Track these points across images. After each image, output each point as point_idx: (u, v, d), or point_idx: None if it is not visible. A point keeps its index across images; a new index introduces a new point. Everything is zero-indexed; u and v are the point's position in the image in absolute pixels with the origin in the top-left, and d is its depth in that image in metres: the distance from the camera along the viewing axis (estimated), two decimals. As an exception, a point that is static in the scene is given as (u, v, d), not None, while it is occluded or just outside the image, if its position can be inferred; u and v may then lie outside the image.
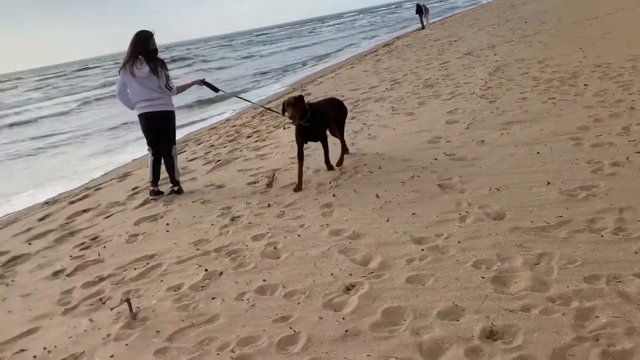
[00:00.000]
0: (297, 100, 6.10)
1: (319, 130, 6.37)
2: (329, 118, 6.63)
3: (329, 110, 6.72)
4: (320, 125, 6.36)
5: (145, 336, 3.57)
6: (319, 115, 6.30)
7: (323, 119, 6.45)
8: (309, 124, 6.17)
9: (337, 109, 6.92)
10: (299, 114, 6.04)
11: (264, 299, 3.81)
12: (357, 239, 4.49)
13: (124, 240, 5.60)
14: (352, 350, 3.07)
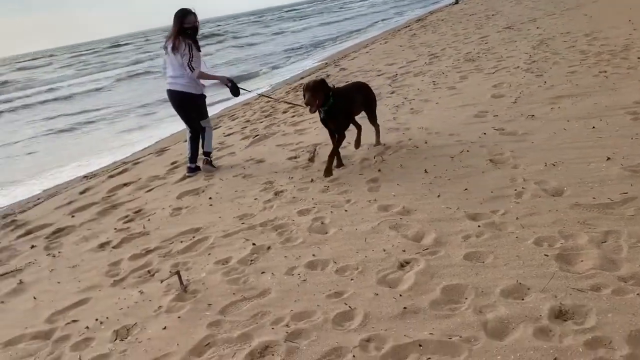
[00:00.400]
0: (318, 84, 5.37)
1: (339, 120, 5.63)
2: (354, 106, 5.92)
3: (356, 97, 5.98)
4: (341, 114, 5.62)
5: (197, 309, 3.53)
6: (342, 103, 5.58)
7: (347, 108, 5.70)
8: (328, 112, 5.52)
9: (364, 94, 6.17)
10: (318, 101, 5.35)
11: (315, 274, 3.72)
12: (408, 214, 4.36)
13: (168, 213, 5.57)
14: (412, 327, 2.96)
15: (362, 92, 6.14)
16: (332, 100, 5.40)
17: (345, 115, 5.69)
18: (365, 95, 6.16)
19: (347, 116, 5.75)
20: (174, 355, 3.10)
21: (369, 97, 6.21)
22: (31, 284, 4.52)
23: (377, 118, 6.32)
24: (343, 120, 5.68)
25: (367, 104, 6.18)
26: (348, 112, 5.72)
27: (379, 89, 9.85)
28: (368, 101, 6.19)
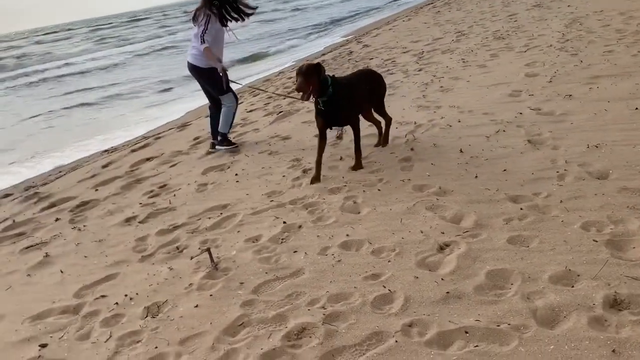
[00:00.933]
0: (311, 69, 4.60)
1: (343, 113, 4.91)
2: (359, 97, 5.13)
3: (361, 86, 5.18)
4: (345, 106, 4.86)
5: (229, 287, 3.43)
6: (345, 93, 4.81)
7: (350, 99, 4.92)
8: (328, 104, 4.77)
9: (372, 84, 5.36)
10: (312, 88, 4.61)
11: (349, 254, 3.59)
12: (444, 195, 4.20)
13: (194, 189, 5.47)
14: (456, 313, 2.83)
15: (370, 81, 5.34)
16: (332, 89, 4.70)
17: (349, 105, 4.93)
18: (374, 85, 5.39)
19: (352, 106, 4.98)
20: (207, 334, 3.01)
21: (378, 87, 5.45)
22: (57, 257, 4.45)
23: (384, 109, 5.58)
24: (350, 111, 4.97)
25: (377, 94, 5.44)
26: (352, 102, 4.96)
27: (405, 66, 9.62)
28: (377, 91, 5.45)
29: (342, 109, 4.86)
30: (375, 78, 5.45)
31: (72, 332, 3.30)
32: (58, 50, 36.17)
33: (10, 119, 14.13)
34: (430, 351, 2.59)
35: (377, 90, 5.43)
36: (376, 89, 5.41)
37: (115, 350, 3.02)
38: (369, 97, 5.32)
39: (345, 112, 4.94)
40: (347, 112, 4.95)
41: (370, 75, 5.43)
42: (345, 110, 4.91)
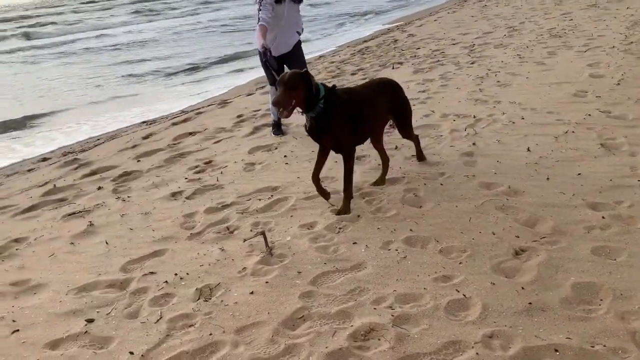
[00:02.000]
0: (295, 79, 3.65)
1: (336, 133, 3.85)
2: (365, 118, 4.00)
3: (370, 99, 4.09)
4: (340, 123, 3.83)
5: (287, 276, 3.22)
6: (341, 111, 3.81)
7: (346, 119, 3.86)
8: (317, 122, 3.82)
9: (390, 96, 4.27)
10: (295, 101, 3.67)
11: (415, 251, 3.35)
12: (515, 196, 3.92)
13: (241, 167, 5.26)
14: (542, 328, 2.58)
15: (386, 93, 4.25)
16: (323, 103, 3.75)
17: (347, 125, 3.87)
18: (392, 96, 4.29)
19: (346, 130, 3.88)
20: (264, 324, 2.80)
21: (397, 99, 4.34)
22: (102, 227, 4.30)
23: (411, 130, 4.58)
24: (343, 132, 3.86)
25: (396, 109, 4.33)
26: (352, 121, 3.90)
27: (456, 58, 9.27)
28: (396, 106, 4.33)
29: (329, 130, 3.82)
30: (394, 89, 4.37)
31: (120, 308, 3.13)
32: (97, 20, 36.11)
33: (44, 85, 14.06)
34: (516, 368, 2.34)
35: (397, 105, 4.36)
36: (396, 102, 4.34)
37: (167, 333, 2.83)
38: (387, 113, 4.28)
39: (333, 135, 3.86)
40: (336, 135, 3.85)
41: (388, 86, 4.35)
42: (333, 132, 3.84)
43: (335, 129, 3.83)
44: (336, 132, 3.85)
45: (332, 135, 3.87)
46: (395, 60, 9.97)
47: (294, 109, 3.70)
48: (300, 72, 3.75)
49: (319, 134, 3.89)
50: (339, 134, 3.87)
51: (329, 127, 3.82)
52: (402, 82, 7.90)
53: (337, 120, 3.81)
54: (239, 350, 2.63)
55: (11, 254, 4.07)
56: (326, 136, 3.89)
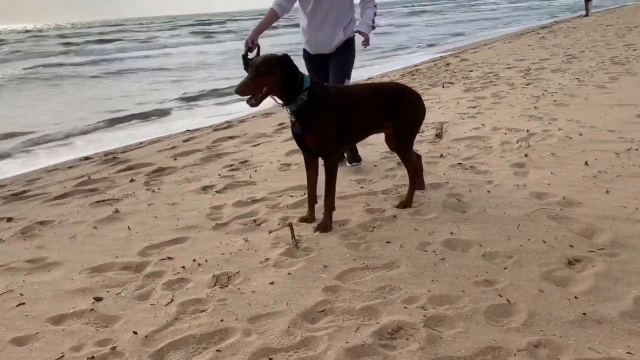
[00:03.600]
0: (269, 62, 3.16)
1: (318, 132, 3.34)
2: (357, 119, 3.48)
3: (365, 103, 3.52)
4: (316, 125, 3.32)
5: (311, 269, 2.95)
6: (328, 106, 3.33)
7: (333, 116, 3.35)
8: (299, 117, 3.33)
9: (394, 102, 3.58)
10: (267, 89, 3.17)
11: (455, 254, 3.03)
12: (570, 206, 3.55)
13: (276, 167, 5.06)
14: (598, 340, 2.21)
15: (391, 101, 3.58)
16: (307, 95, 3.28)
17: (332, 125, 3.37)
18: (396, 104, 3.58)
19: (330, 129, 3.37)
20: (282, 315, 2.54)
21: (403, 108, 3.59)
22: (127, 215, 4.15)
23: (409, 149, 3.71)
24: (327, 133, 3.35)
25: (397, 119, 3.59)
26: (339, 122, 3.39)
27: (510, 79, 8.91)
28: (400, 116, 3.59)
29: (311, 128, 3.32)
30: (403, 96, 3.62)
31: (130, 289, 2.92)
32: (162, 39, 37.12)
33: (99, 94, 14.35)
34: (567, 382, 1.98)
35: (401, 115, 3.58)
36: (400, 112, 3.58)
37: (176, 317, 2.60)
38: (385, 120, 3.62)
39: (316, 135, 3.33)
40: (319, 135, 3.33)
41: (396, 92, 3.63)
42: (316, 131, 3.32)
43: (319, 127, 3.32)
44: (320, 131, 3.33)
45: (315, 135, 3.34)
46: (446, 81, 9.69)
47: (264, 98, 3.19)
48: (277, 55, 3.22)
49: (301, 133, 3.38)
50: (323, 134, 3.34)
51: (312, 125, 3.32)
52: (451, 98, 7.64)
53: (322, 117, 3.31)
54: (250, 339, 2.37)
55: (34, 234, 3.95)
56: (309, 135, 3.35)
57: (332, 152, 3.44)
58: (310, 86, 3.30)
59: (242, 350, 2.29)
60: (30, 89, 15.07)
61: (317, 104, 3.30)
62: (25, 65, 20.72)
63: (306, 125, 3.34)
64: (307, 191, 3.65)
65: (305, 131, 3.37)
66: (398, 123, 3.62)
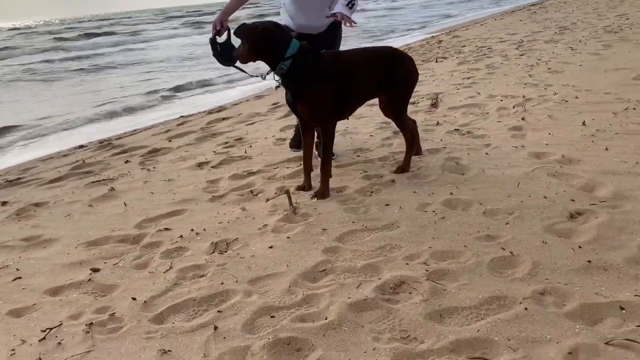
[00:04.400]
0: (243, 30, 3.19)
1: (304, 103, 3.27)
2: (351, 85, 3.35)
3: (359, 66, 3.40)
4: (307, 92, 3.24)
5: (310, 232, 2.91)
6: (315, 71, 3.22)
7: (324, 83, 3.25)
8: (289, 79, 3.25)
9: (387, 67, 3.48)
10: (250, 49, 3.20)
11: (455, 213, 3.00)
12: (570, 164, 3.52)
13: (271, 142, 5.01)
14: (604, 285, 2.18)
15: (383, 63, 3.47)
16: (290, 64, 3.18)
17: (326, 93, 3.27)
18: (392, 70, 3.48)
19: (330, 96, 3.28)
20: (282, 276, 2.50)
21: (398, 74, 3.49)
22: (122, 192, 4.10)
23: (404, 113, 3.65)
24: (320, 101, 3.27)
25: (390, 84, 3.50)
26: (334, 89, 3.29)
27: (504, 52, 8.85)
28: (392, 80, 3.49)
29: (302, 93, 3.24)
30: (396, 60, 3.51)
31: (128, 260, 2.88)
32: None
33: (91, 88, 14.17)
34: (573, 325, 1.96)
35: (395, 79, 3.49)
36: (394, 76, 3.48)
37: (175, 282, 2.56)
38: (379, 88, 3.52)
39: (308, 104, 3.26)
40: (312, 103, 3.25)
41: (388, 56, 3.53)
42: (308, 98, 3.24)
43: (309, 94, 3.23)
44: (311, 98, 3.24)
45: (307, 104, 3.27)
46: (439, 56, 9.63)
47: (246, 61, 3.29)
48: (247, 24, 3.21)
49: (293, 101, 3.32)
50: (314, 102, 3.25)
51: (303, 93, 3.25)
52: (445, 71, 7.57)
53: (312, 84, 3.23)
54: (252, 299, 2.33)
55: (29, 215, 3.89)
56: (301, 104, 3.29)
57: (327, 120, 3.37)
58: (295, 53, 3.21)
59: (243, 310, 2.25)
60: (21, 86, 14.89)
61: (307, 71, 3.22)
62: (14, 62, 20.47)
63: (297, 93, 3.28)
64: (303, 158, 3.59)
65: (296, 100, 3.31)
66: (393, 87, 3.55)
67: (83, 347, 2.14)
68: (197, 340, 2.09)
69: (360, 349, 1.94)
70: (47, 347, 2.17)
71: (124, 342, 2.15)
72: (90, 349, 2.13)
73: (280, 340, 2.01)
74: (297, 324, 2.11)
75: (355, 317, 2.12)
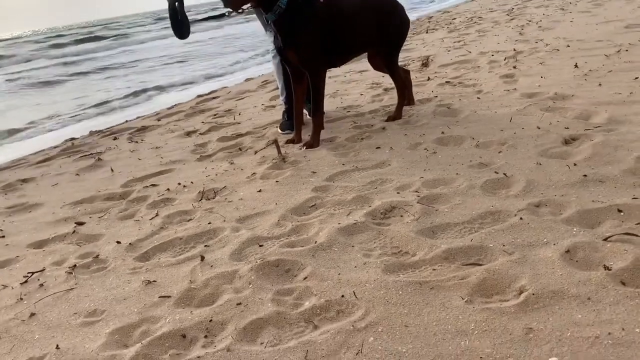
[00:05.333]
0: None
1: (294, 48, 3.16)
2: (344, 30, 3.29)
3: (354, 15, 3.32)
4: (297, 36, 3.14)
5: (299, 175, 2.84)
6: (308, 14, 3.13)
7: (315, 26, 3.16)
8: (278, 27, 3.14)
9: (379, 15, 3.40)
10: None
11: (447, 148, 2.92)
12: (563, 100, 3.44)
13: (260, 109, 4.94)
14: (601, 194, 2.10)
15: (379, 13, 3.40)
16: (285, 4, 3.08)
17: (315, 37, 3.18)
18: (386, 19, 3.42)
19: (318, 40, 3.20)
20: (271, 212, 2.43)
21: (392, 24, 3.45)
22: (110, 161, 4.03)
23: (396, 63, 3.59)
24: (309, 45, 3.17)
25: (383, 33, 3.43)
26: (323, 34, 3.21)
27: (494, 19, 8.76)
28: (385, 29, 3.43)
29: (292, 38, 3.13)
30: (386, 8, 3.44)
31: (114, 212, 2.81)
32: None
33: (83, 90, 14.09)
34: (570, 228, 1.88)
35: (387, 27, 3.43)
36: (385, 24, 3.42)
37: (161, 226, 2.49)
38: (371, 36, 3.43)
39: (296, 47, 3.15)
40: (300, 47, 3.15)
41: (385, 5, 3.45)
42: (297, 43, 3.14)
43: (299, 38, 3.13)
44: (301, 42, 3.14)
45: (294, 47, 3.15)
46: (429, 27, 9.53)
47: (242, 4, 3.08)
48: None
49: (283, 45, 3.20)
50: (304, 46, 3.15)
51: (292, 36, 3.14)
52: (436, 39, 7.49)
53: (303, 28, 3.13)
54: (240, 233, 2.26)
55: (15, 188, 3.82)
56: (290, 49, 3.17)
57: (317, 67, 3.26)
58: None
59: (231, 242, 2.18)
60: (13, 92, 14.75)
61: (298, 14, 3.11)
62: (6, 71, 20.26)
63: (287, 37, 3.17)
64: (294, 110, 3.50)
65: (286, 44, 3.20)
66: (385, 36, 3.46)
67: (65, 286, 2.07)
68: (184, 270, 2.02)
69: (351, 265, 1.87)
70: (29, 289, 2.10)
71: (107, 278, 2.08)
72: (73, 287, 2.05)
73: (268, 263, 1.94)
74: (286, 249, 2.04)
75: (345, 240, 2.05)
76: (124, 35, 32.84)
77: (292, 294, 1.76)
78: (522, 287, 1.59)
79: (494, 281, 1.64)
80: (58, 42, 31.93)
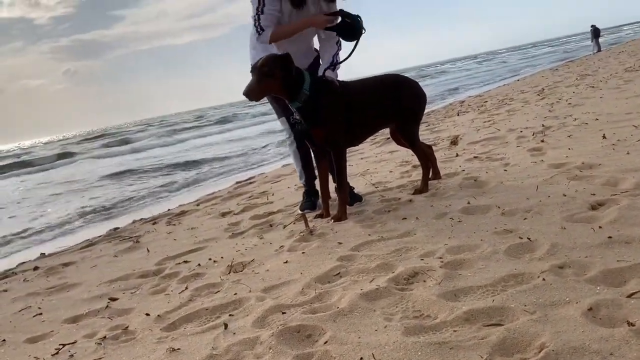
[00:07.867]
0: (271, 62, 3.13)
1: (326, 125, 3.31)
2: (362, 109, 3.46)
3: (368, 94, 3.53)
4: (323, 118, 3.29)
5: (326, 247, 2.89)
6: (330, 100, 3.30)
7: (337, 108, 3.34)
8: (304, 113, 3.30)
9: (395, 93, 3.57)
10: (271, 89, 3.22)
11: (473, 217, 2.94)
12: (591, 168, 3.45)
13: (294, 190, 5.07)
14: (627, 255, 2.07)
15: (391, 90, 3.58)
16: (309, 91, 3.23)
17: (339, 118, 3.35)
18: (397, 95, 3.57)
19: (343, 121, 3.37)
20: (296, 282, 2.46)
21: (404, 98, 3.58)
22: (147, 243, 4.17)
23: (416, 137, 3.71)
24: (335, 125, 3.34)
25: (400, 110, 3.58)
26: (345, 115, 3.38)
27: (525, 99, 8.89)
28: (402, 106, 3.57)
29: (318, 120, 3.28)
30: (402, 87, 3.63)
31: (146, 288, 2.89)
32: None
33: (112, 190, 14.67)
34: (594, 287, 1.85)
35: (403, 105, 3.57)
36: (402, 102, 3.57)
37: (190, 299, 2.55)
38: (388, 114, 3.59)
39: (324, 127, 3.31)
40: (328, 127, 3.31)
41: (395, 83, 3.63)
42: (324, 124, 3.29)
43: (326, 119, 3.29)
44: (327, 123, 3.29)
45: (322, 127, 3.31)
46: (461, 110, 9.75)
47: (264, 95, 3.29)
48: (275, 54, 3.25)
49: (308, 128, 3.34)
50: (330, 126, 3.31)
51: (319, 118, 3.29)
52: (467, 120, 7.64)
53: (328, 110, 3.30)
54: (264, 302, 2.29)
55: (56, 272, 3.96)
56: (316, 128, 3.32)
57: (340, 143, 3.41)
58: (311, 80, 3.29)
59: (255, 311, 2.21)
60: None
61: (322, 98, 3.29)
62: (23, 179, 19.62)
63: (312, 119, 3.33)
64: (320, 186, 3.61)
65: (311, 126, 3.35)
66: (401, 112, 3.61)
67: (94, 356, 2.12)
68: (207, 338, 2.04)
69: (372, 329, 1.86)
70: (59, 359, 2.16)
71: (134, 348, 2.12)
72: (102, 356, 2.10)
73: (289, 329, 1.95)
74: (308, 315, 2.05)
75: (367, 305, 2.05)
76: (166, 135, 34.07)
77: (312, 358, 1.76)
78: (542, 345, 1.55)
79: (514, 340, 1.61)
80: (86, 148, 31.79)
